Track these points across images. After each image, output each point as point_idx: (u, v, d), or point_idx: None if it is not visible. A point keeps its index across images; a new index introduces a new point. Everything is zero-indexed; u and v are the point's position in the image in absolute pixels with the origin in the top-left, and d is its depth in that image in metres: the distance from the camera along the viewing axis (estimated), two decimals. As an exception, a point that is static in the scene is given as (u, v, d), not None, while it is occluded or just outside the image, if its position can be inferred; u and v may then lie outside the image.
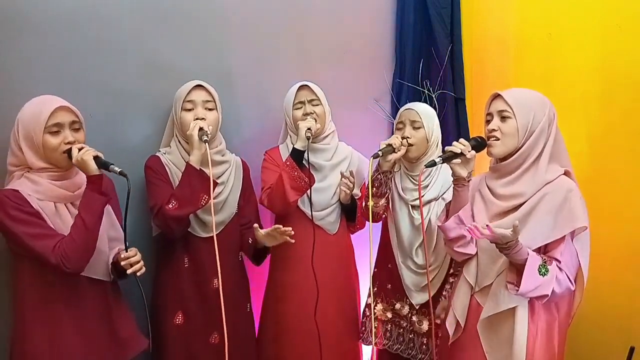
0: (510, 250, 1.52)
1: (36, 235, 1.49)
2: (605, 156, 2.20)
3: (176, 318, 1.91)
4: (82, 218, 1.52)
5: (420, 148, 2.02)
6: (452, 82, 2.65)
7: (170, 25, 2.06)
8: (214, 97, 1.92)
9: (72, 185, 1.61)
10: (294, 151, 1.97)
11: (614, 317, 2.14)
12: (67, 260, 1.48)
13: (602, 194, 2.12)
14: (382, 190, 2.05)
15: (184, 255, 1.93)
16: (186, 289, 1.92)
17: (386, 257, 2.13)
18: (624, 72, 2.14)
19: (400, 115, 2.09)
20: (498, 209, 1.65)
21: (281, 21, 2.36)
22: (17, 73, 1.74)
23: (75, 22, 1.85)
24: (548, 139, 1.62)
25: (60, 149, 1.56)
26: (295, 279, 2.10)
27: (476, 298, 1.71)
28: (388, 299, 2.16)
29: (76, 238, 1.50)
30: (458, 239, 1.69)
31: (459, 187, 1.69)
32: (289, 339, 2.10)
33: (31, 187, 1.54)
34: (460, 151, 1.64)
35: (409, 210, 2.06)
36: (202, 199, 1.80)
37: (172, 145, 1.95)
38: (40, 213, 1.52)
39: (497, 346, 1.64)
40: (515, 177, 1.64)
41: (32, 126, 1.53)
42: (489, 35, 2.70)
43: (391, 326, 2.16)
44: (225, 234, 1.96)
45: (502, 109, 1.63)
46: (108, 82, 1.93)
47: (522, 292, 1.52)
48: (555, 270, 1.54)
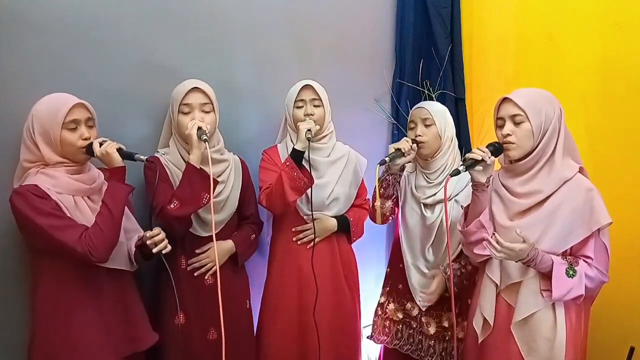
0: (533, 262, 1.57)
1: (61, 227, 1.51)
2: (605, 156, 2.20)
3: (177, 318, 1.91)
4: (108, 207, 1.57)
5: (433, 146, 2.01)
6: (452, 82, 2.66)
7: (170, 26, 2.06)
8: (211, 98, 1.92)
9: (89, 178, 1.66)
10: (294, 152, 1.98)
11: (614, 317, 2.14)
12: (94, 249, 1.52)
13: (602, 193, 2.11)
14: (389, 192, 2.04)
15: (181, 256, 1.93)
16: (185, 288, 1.92)
17: (399, 256, 2.13)
18: (624, 72, 2.14)
19: (412, 115, 2.08)
20: (519, 207, 1.67)
21: (281, 21, 2.36)
22: (16, 73, 1.74)
23: (76, 23, 1.85)
24: (559, 134, 1.65)
25: (78, 144, 1.61)
26: (294, 276, 2.10)
27: (503, 296, 1.73)
28: (399, 299, 2.15)
29: (103, 227, 1.55)
30: (478, 242, 1.72)
31: (478, 192, 1.71)
32: (287, 336, 2.10)
33: (49, 182, 1.57)
34: (481, 158, 1.65)
35: (421, 209, 2.05)
36: (203, 198, 1.81)
37: (171, 146, 1.95)
38: (61, 206, 1.55)
39: (533, 343, 1.66)
40: (532, 175, 1.66)
41: (50, 122, 1.57)
42: (489, 35, 2.70)
43: (402, 326, 2.15)
44: (225, 232, 1.98)
45: (515, 113, 1.64)
46: (108, 83, 1.93)
47: (556, 298, 1.58)
48: (584, 269, 1.59)
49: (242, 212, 2.09)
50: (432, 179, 2.04)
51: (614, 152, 2.17)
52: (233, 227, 2.05)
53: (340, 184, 2.14)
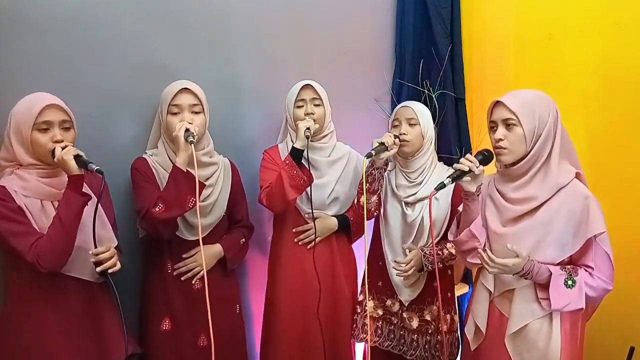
0: (529, 274, 1.55)
1: (17, 233, 1.48)
2: (605, 156, 2.20)
3: (163, 324, 1.89)
4: (59, 217, 1.50)
5: (416, 144, 2.04)
6: (452, 82, 2.65)
7: (170, 26, 2.06)
8: (201, 99, 1.88)
9: (60, 183, 1.59)
10: (293, 150, 1.98)
11: (614, 317, 2.13)
12: (41, 259, 1.47)
13: (601, 194, 2.11)
14: (374, 187, 2.05)
15: (168, 260, 1.90)
16: (171, 293, 1.89)
17: (377, 254, 2.14)
18: (624, 72, 2.14)
19: (396, 113, 2.10)
20: (512, 214, 1.63)
21: (282, 21, 2.36)
22: (16, 73, 1.74)
23: (76, 23, 1.84)
24: (555, 138, 1.58)
25: (48, 146, 1.54)
26: (296, 276, 2.10)
27: (495, 304, 1.70)
28: (379, 296, 2.16)
29: (53, 237, 1.49)
30: (470, 250, 1.69)
31: (469, 200, 1.66)
32: (290, 337, 2.10)
33: (19, 184, 1.53)
34: (469, 169, 1.59)
35: (402, 207, 2.06)
36: (189, 202, 1.76)
37: (159, 147, 1.92)
38: (24, 210, 1.51)
39: (526, 354, 1.62)
40: (527, 181, 1.60)
41: (22, 122, 1.53)
42: (489, 35, 2.70)
43: (382, 323, 2.16)
44: (213, 235, 1.95)
45: (507, 117, 1.58)
46: (108, 83, 1.92)
47: (555, 309, 1.54)
48: (584, 278, 1.55)
49: (232, 216, 2.06)
50: (413, 178, 2.06)
51: (614, 152, 2.17)
52: (222, 231, 2.01)
53: (340, 184, 2.14)
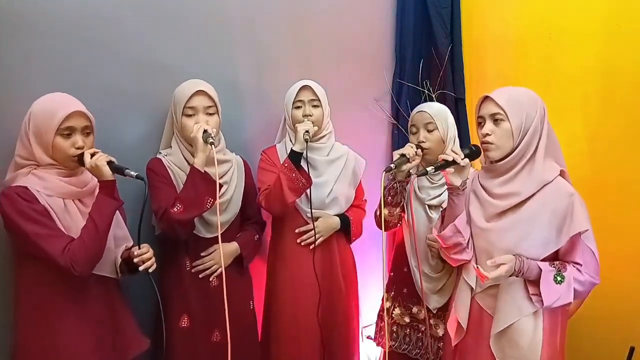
0: (520, 272, 1.55)
1: (45, 236, 1.48)
2: (605, 156, 2.20)
3: (182, 321, 1.91)
4: (94, 222, 1.52)
5: (437, 150, 1.97)
6: (452, 82, 2.66)
7: (170, 25, 2.06)
8: (215, 101, 1.90)
9: (80, 182, 1.62)
10: (292, 153, 1.97)
11: (614, 317, 2.14)
12: (76, 263, 1.48)
13: (601, 193, 2.12)
14: (397, 200, 2.02)
15: (186, 258, 1.92)
16: (189, 290, 1.91)
17: (402, 260, 2.12)
18: (624, 72, 2.14)
19: (413, 119, 2.06)
20: (495, 209, 1.64)
21: (282, 21, 2.35)
22: (16, 73, 1.74)
23: (76, 22, 1.84)
24: (541, 135, 1.60)
25: (70, 152, 1.56)
26: (295, 276, 2.10)
27: (477, 300, 1.70)
28: (405, 303, 2.14)
29: (87, 242, 1.50)
30: (454, 246, 1.69)
31: (453, 195, 1.68)
32: (289, 337, 2.10)
33: (39, 184, 1.53)
34: (452, 159, 1.62)
35: (426, 211, 2.04)
36: (207, 202, 1.79)
37: (173, 146, 1.93)
38: (49, 211, 1.52)
39: (508, 350, 1.63)
40: (511, 176, 1.62)
41: (45, 125, 1.54)
42: (489, 35, 2.70)
43: (410, 330, 2.14)
44: (228, 233, 1.97)
45: (494, 112, 1.60)
46: (108, 83, 1.92)
47: (547, 305, 1.55)
48: (573, 274, 1.56)
49: (245, 212, 2.08)
50: (436, 180, 2.03)
51: (614, 151, 2.17)
52: (236, 228, 2.04)
53: (339, 183, 2.13)
